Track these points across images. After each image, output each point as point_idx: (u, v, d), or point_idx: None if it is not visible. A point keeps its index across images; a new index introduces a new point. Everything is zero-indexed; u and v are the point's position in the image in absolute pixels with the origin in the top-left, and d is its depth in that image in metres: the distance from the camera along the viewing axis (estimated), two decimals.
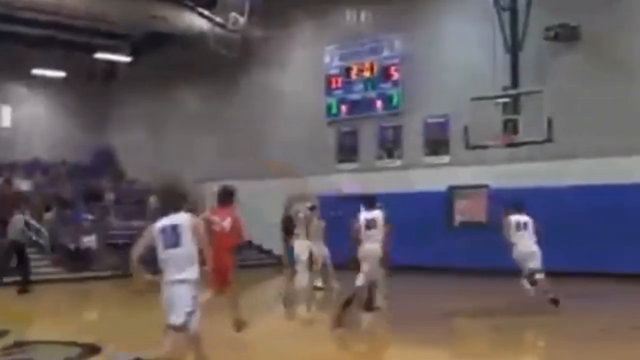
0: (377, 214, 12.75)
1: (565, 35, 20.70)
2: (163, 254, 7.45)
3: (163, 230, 7.46)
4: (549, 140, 18.15)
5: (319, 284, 18.50)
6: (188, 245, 7.42)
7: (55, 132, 32.77)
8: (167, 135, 32.18)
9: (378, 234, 12.50)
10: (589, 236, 18.29)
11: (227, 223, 11.01)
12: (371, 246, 12.46)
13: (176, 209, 7.63)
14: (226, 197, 11.26)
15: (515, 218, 14.77)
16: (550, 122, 17.93)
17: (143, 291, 7.66)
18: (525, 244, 14.68)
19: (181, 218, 7.53)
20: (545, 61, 21.26)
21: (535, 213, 15.80)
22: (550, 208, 16.68)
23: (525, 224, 14.72)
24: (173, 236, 7.40)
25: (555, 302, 13.98)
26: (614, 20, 20.34)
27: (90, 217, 25.38)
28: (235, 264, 11.14)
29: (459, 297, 16.63)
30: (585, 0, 20.80)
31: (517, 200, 15.42)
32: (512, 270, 16.92)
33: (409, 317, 13.99)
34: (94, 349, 10.33)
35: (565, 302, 14.93)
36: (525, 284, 14.63)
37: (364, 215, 12.76)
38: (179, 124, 31.93)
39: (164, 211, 7.71)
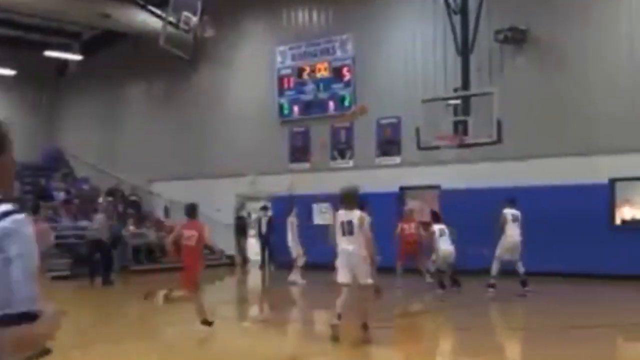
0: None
1: (514, 38, 20.97)
2: (342, 238, 10.78)
3: (342, 222, 10.80)
4: (498, 141, 18.38)
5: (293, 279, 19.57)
6: (357, 234, 10.71)
7: None
8: (118, 134, 31.94)
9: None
10: (538, 236, 18.53)
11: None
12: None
13: (353, 207, 10.85)
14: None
15: (510, 211, 16.09)
16: (499, 124, 18.16)
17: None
18: (516, 235, 16.29)
19: (355, 215, 10.77)
20: (496, 63, 21.54)
21: (485, 212, 16.09)
22: (500, 208, 16.89)
23: (517, 217, 16.38)
24: (349, 227, 10.73)
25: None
26: (562, 23, 20.68)
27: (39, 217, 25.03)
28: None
29: (414, 297, 16.76)
30: (533, 4, 21.11)
31: (511, 195, 16.85)
32: (472, 269, 17.16)
33: None
34: (44, 351, 10.22)
35: (504, 302, 15.21)
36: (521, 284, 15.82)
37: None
38: (130, 123, 31.71)
39: (345, 205, 10.91)
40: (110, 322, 14.58)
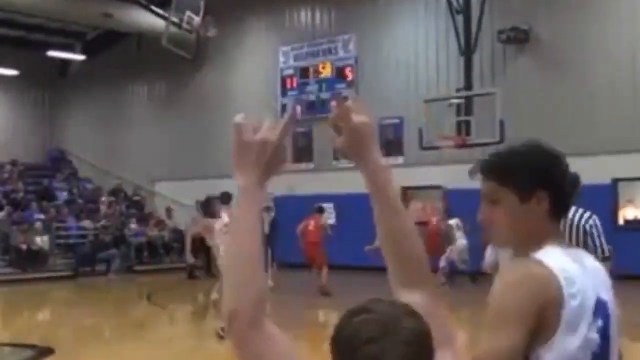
0: None
1: (517, 38, 20.98)
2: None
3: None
4: (501, 141, 18.35)
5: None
6: None
7: (6, 131, 32.30)
8: (121, 134, 31.93)
9: None
10: None
11: None
12: None
13: None
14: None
15: None
16: (502, 124, 18.16)
17: None
18: None
19: None
20: (498, 63, 21.54)
21: None
22: None
23: None
24: None
25: None
26: (564, 23, 20.68)
27: (42, 217, 25.11)
28: None
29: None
30: (535, 4, 21.11)
31: None
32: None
33: None
34: (47, 351, 10.25)
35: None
36: None
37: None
38: (132, 123, 31.72)
39: None
40: (111, 323, 14.60)
